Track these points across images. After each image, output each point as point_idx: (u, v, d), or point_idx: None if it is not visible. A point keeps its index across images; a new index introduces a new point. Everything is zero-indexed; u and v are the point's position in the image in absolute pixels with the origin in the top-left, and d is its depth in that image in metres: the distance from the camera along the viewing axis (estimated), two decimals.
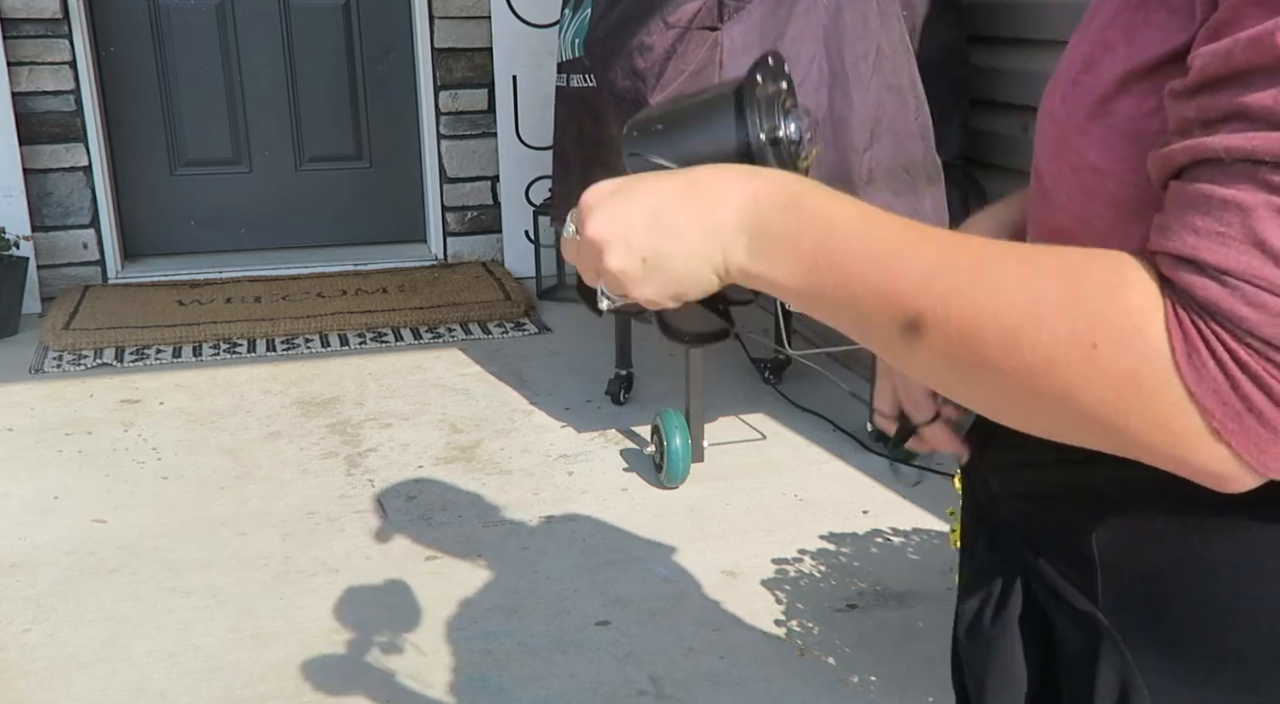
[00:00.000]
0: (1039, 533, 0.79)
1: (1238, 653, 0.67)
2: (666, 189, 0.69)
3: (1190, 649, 0.70)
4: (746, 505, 2.77)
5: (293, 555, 2.54)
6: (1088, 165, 0.66)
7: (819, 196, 0.66)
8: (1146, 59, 0.62)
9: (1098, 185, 0.66)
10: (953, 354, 0.60)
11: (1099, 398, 0.56)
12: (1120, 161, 0.65)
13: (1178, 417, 0.55)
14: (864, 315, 0.63)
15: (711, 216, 0.67)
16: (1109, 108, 0.64)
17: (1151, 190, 0.62)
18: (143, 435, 3.19)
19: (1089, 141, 0.66)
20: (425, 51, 4.66)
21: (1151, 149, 0.62)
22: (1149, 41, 0.62)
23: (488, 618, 2.29)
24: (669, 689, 2.07)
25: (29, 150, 4.29)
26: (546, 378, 3.63)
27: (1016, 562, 0.81)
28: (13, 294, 4.07)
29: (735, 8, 2.52)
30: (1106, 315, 0.56)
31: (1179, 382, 0.54)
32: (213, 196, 4.79)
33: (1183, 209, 0.56)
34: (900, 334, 0.61)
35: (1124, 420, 0.56)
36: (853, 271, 0.63)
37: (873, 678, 2.08)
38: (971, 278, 0.59)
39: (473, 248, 4.87)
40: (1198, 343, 0.54)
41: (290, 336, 4.00)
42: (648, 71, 2.56)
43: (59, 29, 4.27)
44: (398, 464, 3.00)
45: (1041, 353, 0.56)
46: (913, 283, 0.60)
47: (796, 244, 0.65)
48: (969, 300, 0.58)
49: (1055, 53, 3.10)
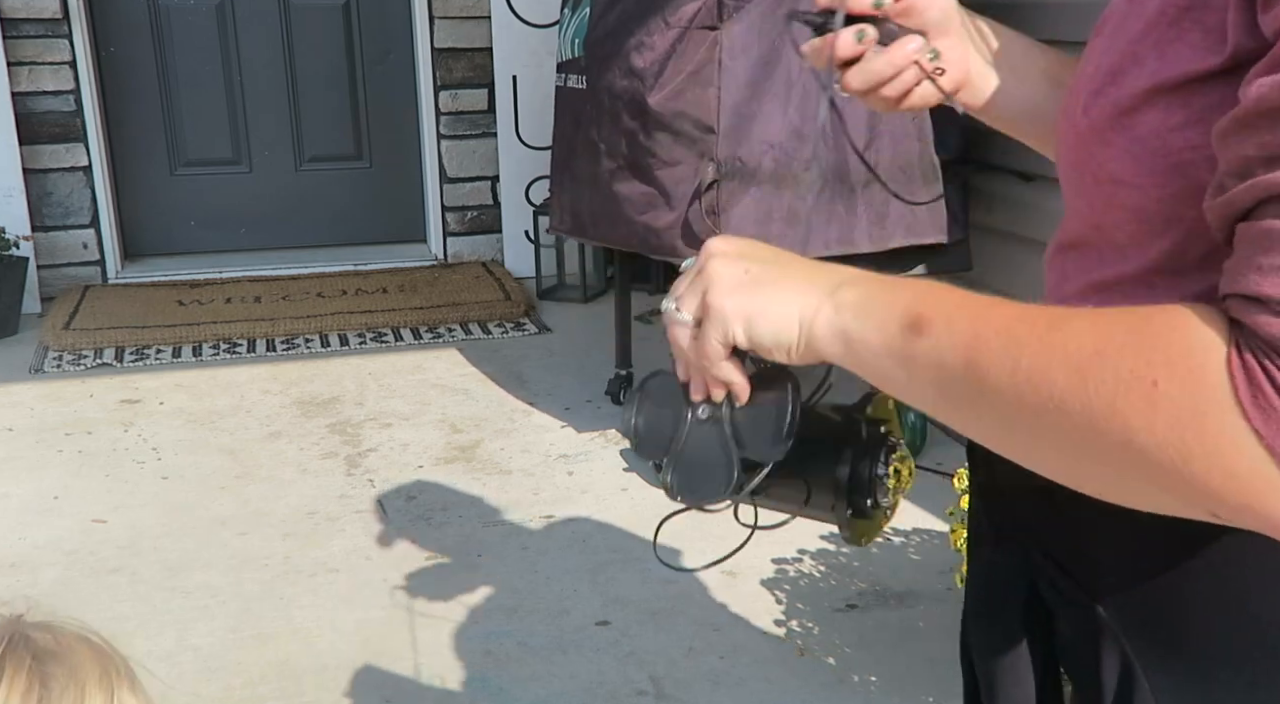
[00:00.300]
0: (1044, 528, 0.79)
1: (1240, 652, 0.67)
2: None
3: (1192, 647, 0.69)
4: (746, 505, 2.77)
5: (293, 555, 2.54)
6: (1109, 176, 0.66)
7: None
8: (1176, 75, 0.61)
9: (1119, 197, 0.66)
10: (1021, 398, 0.59)
11: (1161, 440, 0.54)
12: (1143, 174, 0.64)
13: (1243, 460, 0.53)
14: (943, 367, 0.63)
15: (826, 274, 0.70)
16: (1134, 120, 0.64)
17: (1174, 205, 0.62)
18: (143, 435, 3.19)
19: (1112, 153, 0.66)
20: (425, 51, 4.66)
21: (1173, 162, 0.61)
22: (1180, 58, 0.61)
23: (488, 618, 2.29)
24: (669, 689, 2.07)
25: (29, 150, 4.29)
26: (546, 378, 3.63)
27: (1022, 556, 0.81)
28: (13, 294, 4.07)
29: (735, 7, 2.52)
30: (1168, 352, 0.54)
31: (1244, 422, 0.52)
32: (213, 196, 4.79)
33: (1249, 249, 0.54)
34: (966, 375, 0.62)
35: (1187, 465, 0.54)
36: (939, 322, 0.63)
37: (873, 678, 2.08)
38: (1048, 323, 0.59)
39: (473, 248, 4.87)
40: (1262, 381, 0.52)
41: (290, 337, 4.00)
42: (647, 71, 2.56)
43: (59, 29, 4.27)
44: (398, 464, 3.00)
45: (1105, 391, 0.55)
46: (993, 329, 0.61)
47: (893, 303, 0.66)
48: (1043, 343, 0.58)
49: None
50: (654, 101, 2.55)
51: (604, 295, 4.41)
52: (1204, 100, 0.60)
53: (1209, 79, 0.59)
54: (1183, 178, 0.63)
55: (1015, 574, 0.82)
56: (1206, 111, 0.60)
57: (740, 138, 2.57)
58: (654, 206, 2.65)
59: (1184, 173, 0.62)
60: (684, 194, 2.61)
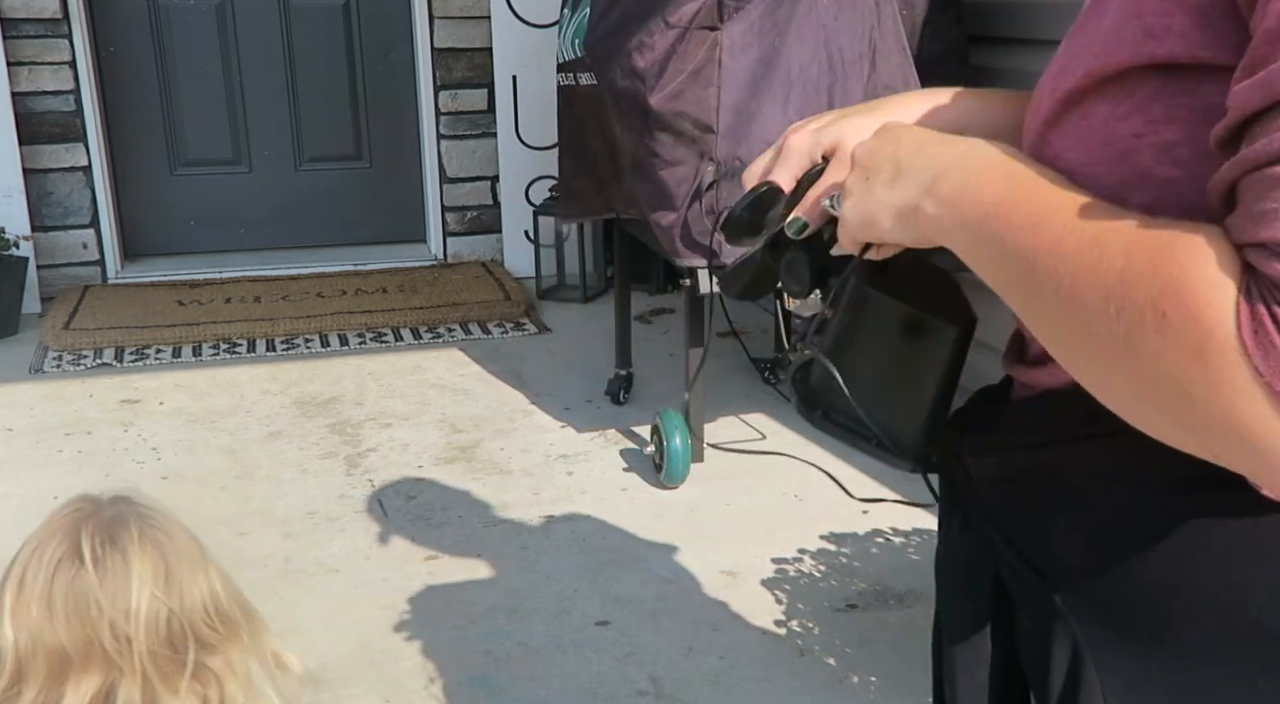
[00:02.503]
0: (1005, 515, 0.82)
1: (1177, 633, 0.70)
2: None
3: (1134, 628, 0.72)
4: (746, 505, 2.77)
5: (293, 555, 2.54)
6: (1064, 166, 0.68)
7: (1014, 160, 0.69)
8: (1119, 63, 0.64)
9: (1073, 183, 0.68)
10: (1063, 316, 0.61)
11: (1167, 372, 0.55)
12: (1092, 162, 0.67)
13: (1245, 403, 0.53)
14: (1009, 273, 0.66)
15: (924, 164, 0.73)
16: (1084, 110, 0.67)
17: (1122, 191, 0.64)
18: (142, 435, 3.19)
19: (1066, 143, 0.69)
20: (425, 51, 4.66)
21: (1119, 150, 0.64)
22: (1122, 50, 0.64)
23: (488, 618, 2.29)
24: (669, 689, 2.07)
25: (29, 150, 4.29)
26: (546, 378, 3.63)
27: (985, 542, 0.84)
28: (13, 294, 4.07)
29: (735, 7, 2.52)
30: (1179, 284, 0.55)
31: (1245, 362, 0.53)
32: (213, 196, 4.79)
33: (1249, 199, 0.55)
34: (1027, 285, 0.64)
35: (1190, 399, 0.55)
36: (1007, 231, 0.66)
37: (873, 678, 2.08)
38: (1092, 240, 0.60)
39: (472, 248, 4.87)
40: (1265, 321, 0.52)
41: (290, 336, 4.00)
42: (647, 71, 2.56)
43: (59, 29, 4.27)
44: (398, 464, 3.00)
45: (1124, 318, 0.57)
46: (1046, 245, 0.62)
47: (979, 201, 0.68)
48: (1079, 264, 0.60)
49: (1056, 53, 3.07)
50: (654, 102, 2.55)
51: (604, 295, 4.41)
52: (1145, 89, 0.63)
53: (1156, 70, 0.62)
54: (1128, 165, 0.65)
55: (981, 560, 0.85)
56: (1146, 101, 0.63)
57: (740, 137, 2.57)
58: (659, 207, 2.65)
59: (1129, 160, 0.65)
60: (685, 194, 2.61)
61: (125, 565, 1.00)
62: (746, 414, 3.31)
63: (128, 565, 1.00)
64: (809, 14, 2.58)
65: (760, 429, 3.21)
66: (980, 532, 0.85)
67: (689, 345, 2.85)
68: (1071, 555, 0.76)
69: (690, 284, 2.70)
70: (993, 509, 0.83)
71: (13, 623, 0.97)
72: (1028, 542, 0.79)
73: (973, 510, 0.86)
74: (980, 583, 0.85)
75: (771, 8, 2.55)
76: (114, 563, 0.99)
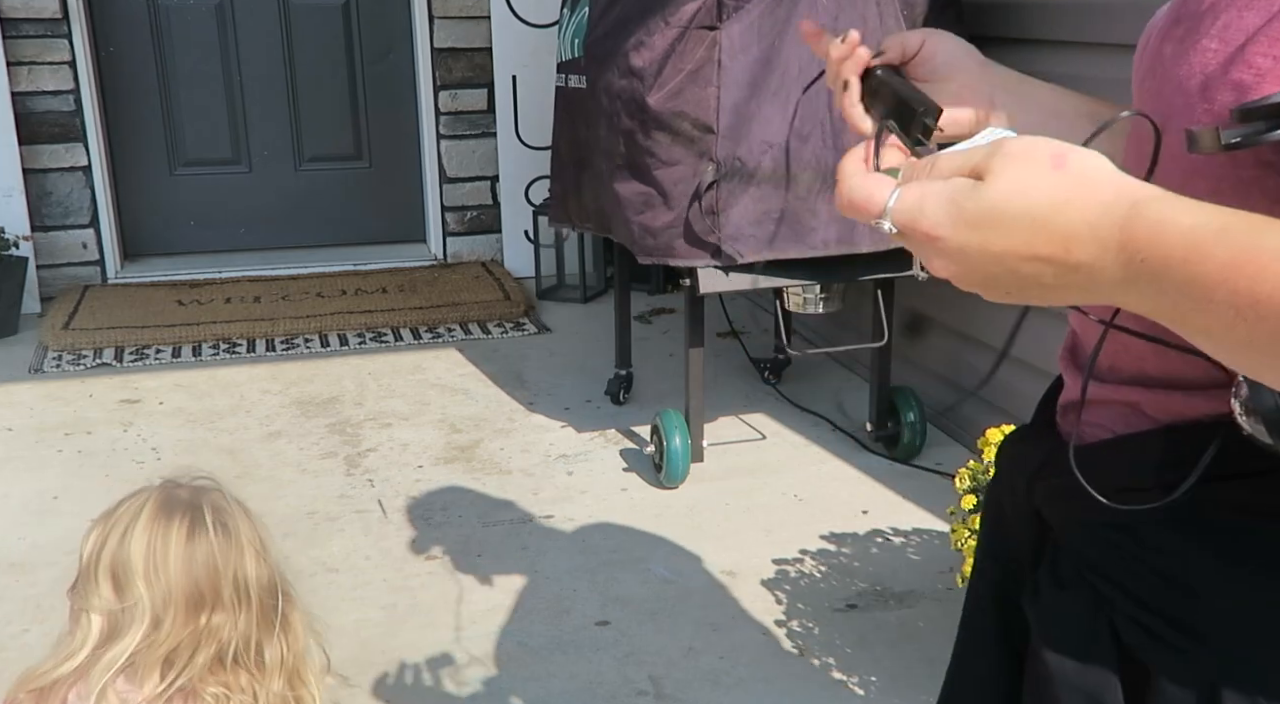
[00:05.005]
0: (1121, 566, 0.72)
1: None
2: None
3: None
4: (746, 505, 2.77)
5: (292, 555, 2.54)
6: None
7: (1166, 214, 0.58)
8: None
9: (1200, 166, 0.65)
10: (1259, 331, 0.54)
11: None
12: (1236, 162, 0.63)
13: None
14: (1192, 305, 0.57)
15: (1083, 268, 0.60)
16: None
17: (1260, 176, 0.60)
18: (142, 435, 3.19)
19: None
20: (425, 51, 4.66)
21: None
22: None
23: (488, 618, 2.29)
24: (669, 689, 2.07)
25: (28, 150, 4.29)
26: (546, 378, 3.63)
27: (1093, 599, 0.75)
28: (12, 294, 4.07)
29: (734, 7, 2.52)
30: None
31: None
32: (212, 196, 4.79)
33: None
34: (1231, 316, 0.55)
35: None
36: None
37: (873, 678, 2.08)
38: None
39: (472, 248, 4.87)
40: None
41: (290, 337, 4.00)
42: (646, 70, 2.56)
43: (59, 29, 4.27)
44: (397, 464, 3.00)
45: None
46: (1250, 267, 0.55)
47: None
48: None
49: (1056, 53, 3.08)
50: (653, 101, 2.55)
51: (604, 295, 4.41)
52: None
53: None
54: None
55: (1095, 620, 0.74)
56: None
57: (739, 137, 2.57)
58: (651, 207, 2.65)
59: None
60: (683, 194, 2.61)
61: (237, 534, 1.28)
62: (746, 414, 3.31)
63: (239, 534, 1.28)
64: (808, 14, 2.58)
65: (760, 429, 3.21)
66: (1082, 587, 0.75)
67: (689, 345, 2.85)
68: (1233, 611, 0.66)
69: (690, 284, 2.70)
70: (1099, 559, 0.73)
71: (145, 583, 1.22)
72: (1163, 597, 0.69)
73: (1062, 563, 0.77)
74: (1099, 646, 0.74)
75: (771, 8, 2.55)
76: (233, 529, 1.28)
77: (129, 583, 1.22)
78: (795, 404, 3.35)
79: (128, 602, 1.22)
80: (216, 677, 1.23)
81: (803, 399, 3.38)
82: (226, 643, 1.24)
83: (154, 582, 1.22)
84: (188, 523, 1.25)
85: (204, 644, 1.23)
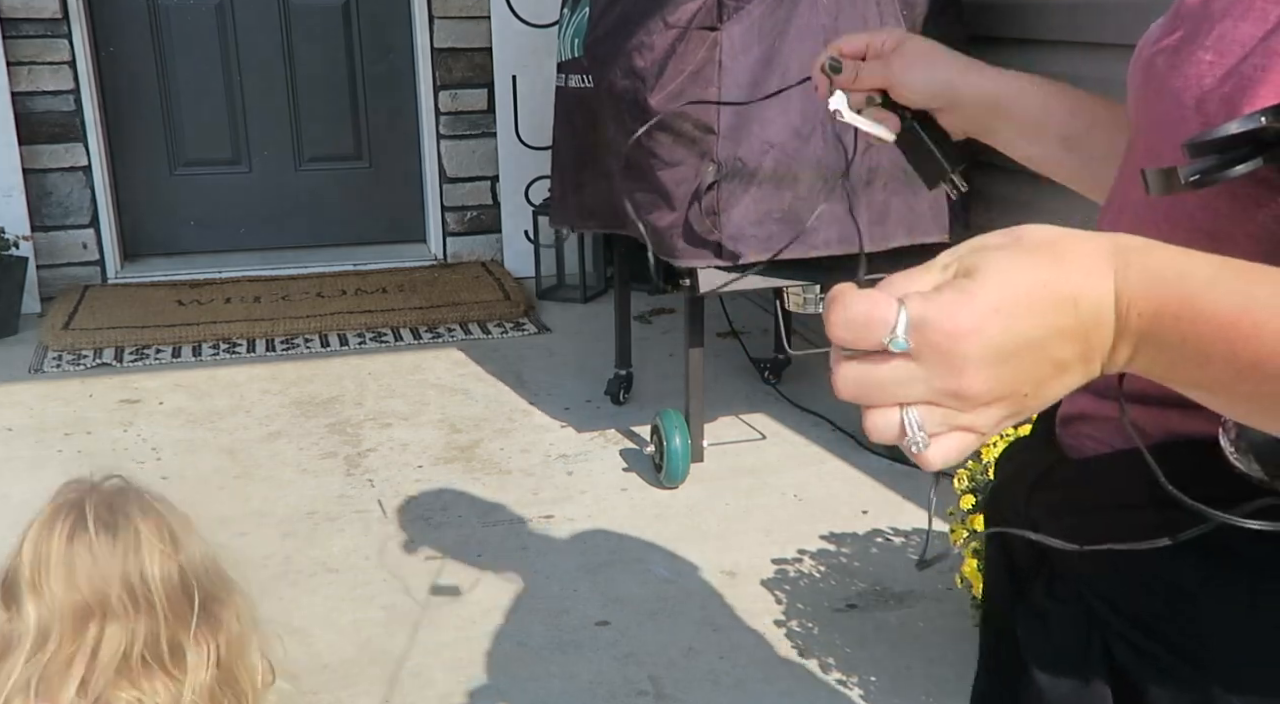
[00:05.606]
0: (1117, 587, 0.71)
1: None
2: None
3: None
4: (746, 505, 2.77)
5: (293, 555, 2.54)
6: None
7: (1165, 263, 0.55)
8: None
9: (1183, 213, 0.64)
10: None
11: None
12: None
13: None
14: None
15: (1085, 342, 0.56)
16: None
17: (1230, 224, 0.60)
18: (142, 435, 3.19)
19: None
20: (425, 51, 4.66)
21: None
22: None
23: (487, 618, 2.29)
24: (669, 689, 2.07)
25: (28, 150, 4.29)
26: (546, 378, 3.63)
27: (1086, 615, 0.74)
28: (12, 294, 4.07)
29: (735, 7, 2.52)
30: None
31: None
32: (212, 196, 4.79)
33: None
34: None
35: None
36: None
37: (873, 678, 2.08)
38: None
39: (472, 248, 4.87)
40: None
41: (290, 336, 4.00)
42: (647, 71, 2.56)
43: (59, 29, 4.27)
44: (397, 464, 3.00)
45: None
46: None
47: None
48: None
49: (1057, 53, 3.08)
50: (654, 102, 2.55)
51: (604, 295, 4.41)
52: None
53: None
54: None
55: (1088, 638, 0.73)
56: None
57: (740, 138, 2.57)
58: (656, 207, 2.65)
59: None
60: (684, 194, 2.61)
61: (134, 529, 1.15)
62: (746, 414, 3.31)
63: (136, 529, 1.15)
64: (809, 14, 2.58)
65: (760, 429, 3.21)
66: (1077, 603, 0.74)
67: (689, 345, 2.85)
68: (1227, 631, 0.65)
69: (690, 284, 2.70)
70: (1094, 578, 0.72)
71: (34, 602, 1.12)
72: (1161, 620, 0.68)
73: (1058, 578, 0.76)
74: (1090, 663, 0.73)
75: (771, 8, 2.55)
76: (124, 528, 1.15)
77: (18, 596, 1.14)
78: (795, 404, 3.35)
79: (15, 617, 1.14)
80: (129, 681, 1.14)
81: (803, 399, 3.38)
82: (129, 648, 1.14)
83: (40, 593, 1.13)
84: (68, 527, 1.16)
85: (103, 653, 1.13)
